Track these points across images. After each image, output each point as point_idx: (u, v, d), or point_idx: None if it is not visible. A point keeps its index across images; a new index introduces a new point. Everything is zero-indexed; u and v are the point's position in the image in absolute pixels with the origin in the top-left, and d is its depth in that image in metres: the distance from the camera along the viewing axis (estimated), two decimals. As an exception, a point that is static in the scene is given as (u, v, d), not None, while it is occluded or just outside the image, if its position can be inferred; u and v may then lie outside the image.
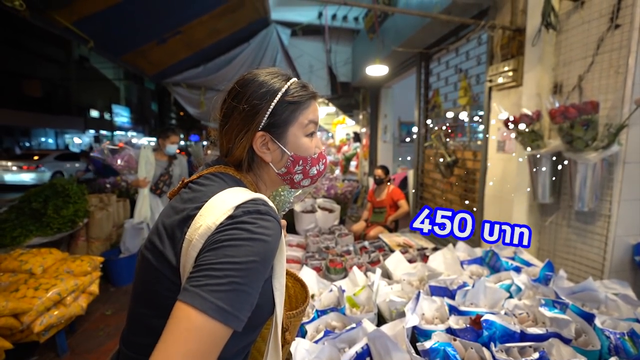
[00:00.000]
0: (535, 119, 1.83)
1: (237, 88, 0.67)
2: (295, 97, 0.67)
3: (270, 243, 0.55)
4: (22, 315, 1.77)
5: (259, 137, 0.65)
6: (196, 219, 0.56)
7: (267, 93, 0.65)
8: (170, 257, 0.57)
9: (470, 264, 1.83)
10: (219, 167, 0.67)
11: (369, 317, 1.39)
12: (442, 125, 3.46)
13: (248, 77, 0.67)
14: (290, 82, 0.67)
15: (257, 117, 0.64)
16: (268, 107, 0.64)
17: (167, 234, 0.59)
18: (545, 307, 1.14)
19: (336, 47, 5.74)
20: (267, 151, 0.67)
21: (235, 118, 0.65)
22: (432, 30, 3.16)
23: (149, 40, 4.00)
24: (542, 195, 1.92)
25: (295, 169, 0.69)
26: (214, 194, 0.59)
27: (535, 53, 2.01)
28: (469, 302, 1.39)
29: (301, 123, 0.68)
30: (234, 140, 0.66)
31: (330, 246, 2.37)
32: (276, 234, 0.57)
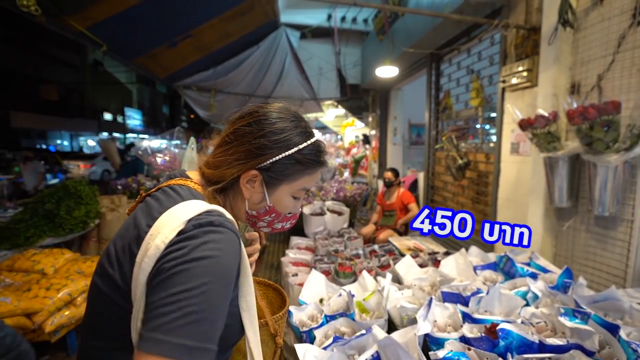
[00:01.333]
0: (551, 120, 1.77)
1: (260, 117, 0.63)
2: (306, 159, 0.64)
3: (223, 258, 0.50)
4: (33, 315, 1.79)
5: (251, 175, 0.62)
6: (146, 239, 0.51)
7: (282, 142, 0.62)
8: (119, 281, 0.52)
9: (484, 270, 1.77)
10: (179, 180, 0.63)
11: (379, 323, 1.35)
12: (454, 127, 3.40)
13: (273, 113, 0.64)
14: (309, 143, 0.64)
15: (261, 158, 0.61)
16: (276, 156, 0.62)
17: (116, 256, 0.55)
18: (565, 316, 1.09)
19: (345, 49, 5.73)
20: (251, 189, 0.64)
21: (243, 144, 0.62)
22: (443, 30, 3.11)
23: (160, 43, 4.06)
24: (559, 199, 1.85)
25: (264, 217, 0.67)
26: (167, 209, 0.54)
27: (551, 52, 1.95)
28: (483, 309, 1.34)
29: (296, 185, 0.66)
30: (228, 162, 0.62)
31: (339, 249, 2.34)
32: (232, 247, 0.52)
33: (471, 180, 3.06)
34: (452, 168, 3.22)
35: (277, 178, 0.64)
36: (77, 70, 17.47)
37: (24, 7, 1.99)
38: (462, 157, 3.08)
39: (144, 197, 0.63)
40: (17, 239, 2.36)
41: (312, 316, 1.50)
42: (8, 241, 2.36)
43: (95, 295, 0.56)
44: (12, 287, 1.88)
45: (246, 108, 0.66)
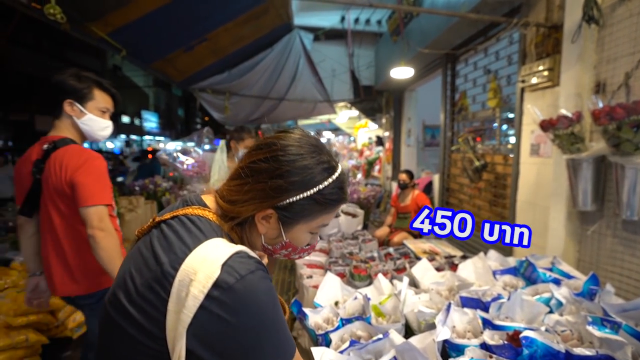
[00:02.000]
0: (575, 120, 1.71)
1: (278, 152, 0.59)
2: (326, 199, 0.61)
3: (272, 291, 0.54)
4: (57, 312, 1.85)
5: (267, 213, 0.60)
6: (176, 285, 0.49)
7: (302, 183, 0.58)
8: (146, 324, 0.51)
9: (504, 274, 1.72)
10: (197, 209, 0.61)
11: (396, 327, 1.33)
12: (470, 128, 3.34)
13: (292, 148, 0.59)
14: (329, 181, 0.60)
15: (278, 199, 0.59)
16: (294, 196, 0.59)
17: (137, 294, 0.52)
18: (593, 325, 1.04)
19: (359, 50, 5.71)
20: (266, 225, 0.61)
21: (259, 182, 0.59)
22: (459, 30, 3.06)
23: (177, 47, 4.14)
24: (583, 202, 1.78)
25: (279, 251, 0.66)
26: (191, 248, 0.53)
27: (574, 50, 1.89)
28: (504, 315, 1.30)
29: (314, 224, 0.64)
30: (243, 200, 0.59)
31: (354, 252, 2.32)
32: (269, 288, 0.54)
33: (488, 183, 3.00)
34: (468, 170, 3.16)
35: (294, 218, 0.61)
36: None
37: (50, 15, 2.07)
38: (479, 159, 3.02)
39: (157, 222, 0.61)
40: (41, 238, 2.44)
41: (328, 319, 1.49)
42: (33, 240, 2.44)
43: (113, 331, 0.54)
44: (36, 285, 1.95)
45: (263, 138, 0.63)
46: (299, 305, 1.49)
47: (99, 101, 1.41)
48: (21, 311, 1.62)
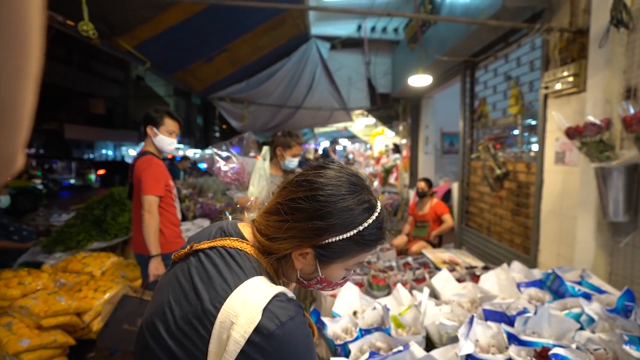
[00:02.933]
0: (604, 127, 1.65)
1: (318, 192, 0.58)
2: (365, 240, 0.60)
3: (310, 338, 0.55)
4: (83, 314, 1.91)
5: (305, 251, 0.60)
6: (218, 327, 0.50)
7: (342, 225, 0.57)
8: (184, 358, 0.52)
9: (528, 287, 1.66)
10: (235, 241, 0.60)
11: (417, 340, 1.30)
12: (491, 135, 3.27)
13: (332, 188, 0.58)
14: (371, 221, 0.59)
15: (317, 240, 0.58)
16: (333, 237, 0.58)
17: (177, 329, 0.53)
18: (631, 345, 0.99)
19: (375, 58, 5.72)
20: (303, 261, 0.61)
21: (298, 221, 0.58)
22: (479, 37, 3.02)
23: (198, 58, 4.29)
24: (614, 213, 1.70)
25: (315, 285, 0.66)
26: (232, 287, 0.53)
27: (602, 55, 1.83)
28: (530, 330, 1.25)
29: (351, 262, 0.63)
30: (282, 238, 0.59)
31: (372, 261, 2.30)
32: (308, 334, 0.55)
33: (510, 191, 2.91)
34: (489, 178, 3.08)
35: (331, 257, 0.60)
36: (121, 86, 18.92)
37: (84, 32, 2.19)
38: (501, 167, 2.94)
39: (195, 249, 0.61)
40: (69, 242, 2.55)
41: (347, 329, 1.47)
42: (63, 244, 2.55)
43: (149, 357, 0.55)
44: (65, 287, 2.03)
45: (302, 174, 0.62)
46: (317, 314, 1.48)
47: (168, 125, 1.99)
48: (51, 312, 1.69)
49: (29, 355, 1.60)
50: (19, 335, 1.61)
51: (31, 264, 2.34)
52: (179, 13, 3.23)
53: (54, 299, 1.76)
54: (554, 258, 2.29)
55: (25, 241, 2.84)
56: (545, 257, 2.40)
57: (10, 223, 2.89)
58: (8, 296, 1.72)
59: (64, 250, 2.51)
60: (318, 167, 0.63)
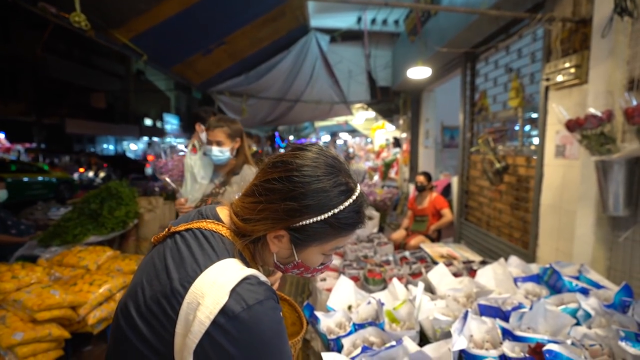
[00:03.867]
0: (605, 119, 1.61)
1: (293, 172, 0.57)
2: (341, 223, 0.58)
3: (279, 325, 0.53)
4: (78, 308, 1.91)
5: (279, 233, 0.58)
6: (185, 308, 0.50)
7: (316, 207, 0.56)
8: (152, 339, 0.51)
9: (525, 282, 1.64)
10: (211, 223, 0.60)
11: (411, 334, 1.28)
12: (491, 129, 3.23)
13: (308, 169, 0.57)
14: (346, 205, 0.58)
15: (291, 221, 0.57)
16: (307, 219, 0.56)
17: (146, 309, 0.52)
18: (627, 341, 0.97)
19: (375, 51, 5.65)
20: (278, 244, 0.60)
21: (272, 202, 0.57)
22: (480, 28, 2.96)
23: (196, 51, 4.24)
24: (614, 207, 1.67)
25: (292, 270, 0.64)
26: (202, 268, 0.52)
27: (605, 45, 1.78)
28: (525, 326, 1.23)
29: (327, 246, 0.62)
30: (256, 219, 0.58)
31: (368, 255, 2.29)
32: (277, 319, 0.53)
33: (510, 185, 2.88)
34: (488, 172, 3.05)
35: (306, 240, 0.59)
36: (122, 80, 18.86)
37: (76, 22, 2.15)
38: (500, 161, 2.91)
39: (172, 232, 0.61)
40: (66, 236, 2.55)
41: (340, 324, 1.46)
42: (59, 238, 2.55)
43: (120, 339, 0.55)
44: (60, 281, 2.03)
45: (279, 155, 0.61)
46: (311, 308, 1.47)
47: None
48: (45, 306, 1.69)
49: (23, 349, 1.60)
50: (13, 328, 1.61)
51: (28, 257, 2.34)
52: (175, 4, 3.18)
53: (48, 292, 1.75)
54: (552, 253, 2.27)
55: (23, 235, 2.84)
56: (543, 252, 2.38)
57: (8, 217, 2.89)
58: (1, 290, 1.72)
59: (61, 244, 2.51)
60: (296, 149, 0.61)
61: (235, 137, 1.73)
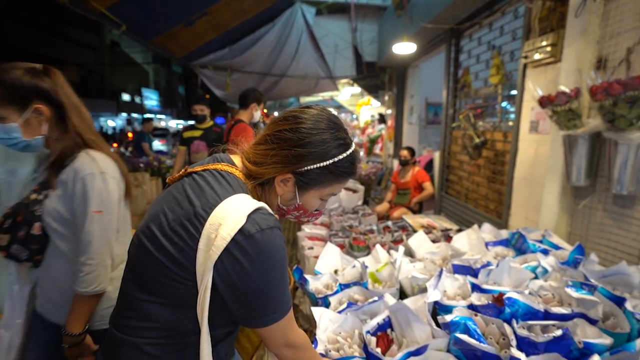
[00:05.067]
0: (573, 96, 1.73)
1: (301, 124, 0.68)
2: (339, 170, 0.70)
3: (279, 254, 0.62)
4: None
5: (286, 177, 0.69)
6: (207, 228, 0.59)
7: (320, 154, 0.67)
8: (176, 254, 0.60)
9: (496, 245, 1.81)
10: (226, 166, 0.70)
11: (391, 292, 1.43)
12: (472, 105, 3.34)
13: (314, 122, 0.68)
14: (344, 155, 0.70)
15: (297, 165, 0.68)
16: (311, 165, 0.68)
17: (170, 230, 0.61)
18: (572, 288, 1.13)
19: (362, 25, 5.58)
20: (284, 187, 0.70)
21: (283, 149, 0.67)
22: (465, 3, 2.99)
23: (177, 23, 4.08)
24: (576, 178, 1.83)
25: (292, 212, 0.75)
26: (221, 198, 0.62)
27: (578, 25, 1.87)
28: (492, 281, 1.39)
29: (325, 191, 0.73)
30: (268, 163, 0.68)
31: (353, 225, 2.41)
32: (282, 243, 0.63)
33: (487, 160, 3.03)
34: (468, 147, 3.19)
35: (309, 183, 0.70)
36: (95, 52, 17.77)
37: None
38: (479, 136, 3.04)
39: (188, 172, 0.70)
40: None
41: (327, 285, 1.59)
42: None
43: (144, 256, 0.64)
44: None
45: (289, 111, 0.72)
46: (300, 271, 1.59)
47: (262, 102, 2.82)
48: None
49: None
50: None
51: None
52: (154, -29, 3.04)
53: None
54: (522, 221, 2.46)
55: None
56: (514, 221, 2.58)
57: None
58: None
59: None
60: (304, 106, 0.72)
61: (21, 102, 0.97)
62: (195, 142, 3.36)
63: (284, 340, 0.66)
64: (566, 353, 0.92)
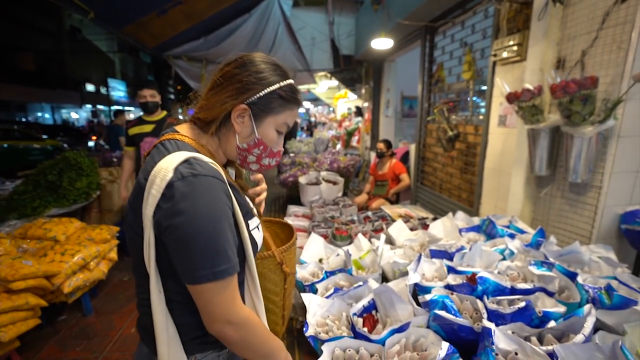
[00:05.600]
0: (536, 93, 1.88)
1: (244, 60, 0.72)
2: (286, 95, 0.74)
3: (216, 200, 0.63)
4: (52, 278, 1.92)
5: (241, 109, 0.71)
6: (146, 191, 0.62)
7: (266, 79, 0.72)
8: (138, 230, 0.65)
9: (468, 232, 1.96)
10: (168, 135, 0.73)
11: (374, 277, 1.52)
12: (446, 99, 3.49)
13: (257, 58, 0.73)
14: (287, 82, 0.74)
15: (250, 93, 0.71)
16: (262, 90, 0.71)
17: (131, 208, 0.67)
18: (534, 266, 1.27)
19: (339, 18, 5.61)
20: (241, 123, 0.72)
21: (232, 84, 0.70)
22: (439, 1, 3.11)
23: (150, 11, 3.93)
24: (539, 168, 2.01)
25: (253, 150, 0.75)
26: (156, 161, 0.64)
27: (541, 27, 2.03)
28: (465, 263, 1.52)
29: (279, 119, 0.75)
30: (221, 100, 0.71)
31: (335, 216, 2.50)
32: (211, 189, 0.63)
33: (460, 152, 3.21)
34: (442, 140, 3.35)
35: (264, 110, 0.73)
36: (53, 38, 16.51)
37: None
38: (453, 129, 3.20)
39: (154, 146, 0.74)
40: (24, 209, 2.44)
41: (314, 273, 1.67)
42: (16, 211, 2.43)
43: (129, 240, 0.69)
44: (28, 253, 1.99)
45: (232, 56, 0.75)
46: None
47: None
48: (19, 276, 1.68)
49: (1, 318, 1.61)
50: (-12, 299, 1.60)
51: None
52: (124, -43, 2.91)
53: (20, 263, 1.74)
54: (492, 209, 2.64)
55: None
56: (485, 209, 2.76)
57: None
58: (-31, 263, 1.67)
59: (19, 217, 2.40)
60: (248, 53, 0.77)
61: None
62: (147, 140, 2.56)
63: (224, 314, 0.62)
64: (529, 321, 1.05)
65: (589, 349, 0.83)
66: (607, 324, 1.06)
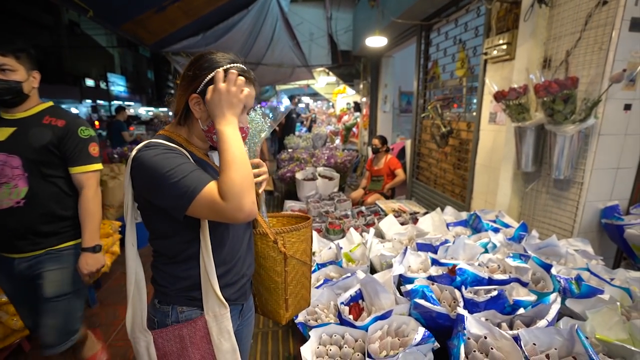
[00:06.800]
0: (522, 92, 1.95)
1: (196, 58, 0.84)
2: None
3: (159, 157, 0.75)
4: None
5: (194, 98, 0.81)
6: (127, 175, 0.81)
7: (209, 67, 0.80)
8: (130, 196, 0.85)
9: (456, 226, 2.04)
10: (160, 131, 0.88)
11: (363, 268, 1.61)
12: (440, 96, 3.55)
13: (206, 54, 0.83)
14: (231, 65, 0.82)
15: (196, 83, 0.81)
16: (206, 77, 0.80)
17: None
18: (511, 258, 1.35)
19: (337, 14, 5.63)
20: (198, 110, 0.83)
21: (185, 79, 0.83)
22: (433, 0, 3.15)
23: (148, 8, 3.96)
24: (525, 165, 2.08)
25: (214, 130, 0.83)
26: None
27: (529, 27, 2.08)
28: (449, 256, 1.60)
29: None
30: (179, 96, 0.85)
31: (329, 211, 2.58)
32: (157, 149, 0.76)
33: (453, 148, 3.27)
34: (436, 136, 3.42)
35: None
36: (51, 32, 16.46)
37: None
38: (446, 126, 3.27)
39: None
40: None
41: (307, 265, 1.75)
42: None
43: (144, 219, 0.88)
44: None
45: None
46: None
47: None
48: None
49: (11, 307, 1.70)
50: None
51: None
52: (122, -45, 2.94)
53: None
54: (482, 204, 2.72)
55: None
56: (476, 204, 2.84)
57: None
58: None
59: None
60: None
61: None
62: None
63: (211, 205, 0.73)
64: (501, 309, 1.13)
65: (550, 332, 0.91)
66: (575, 312, 1.14)
